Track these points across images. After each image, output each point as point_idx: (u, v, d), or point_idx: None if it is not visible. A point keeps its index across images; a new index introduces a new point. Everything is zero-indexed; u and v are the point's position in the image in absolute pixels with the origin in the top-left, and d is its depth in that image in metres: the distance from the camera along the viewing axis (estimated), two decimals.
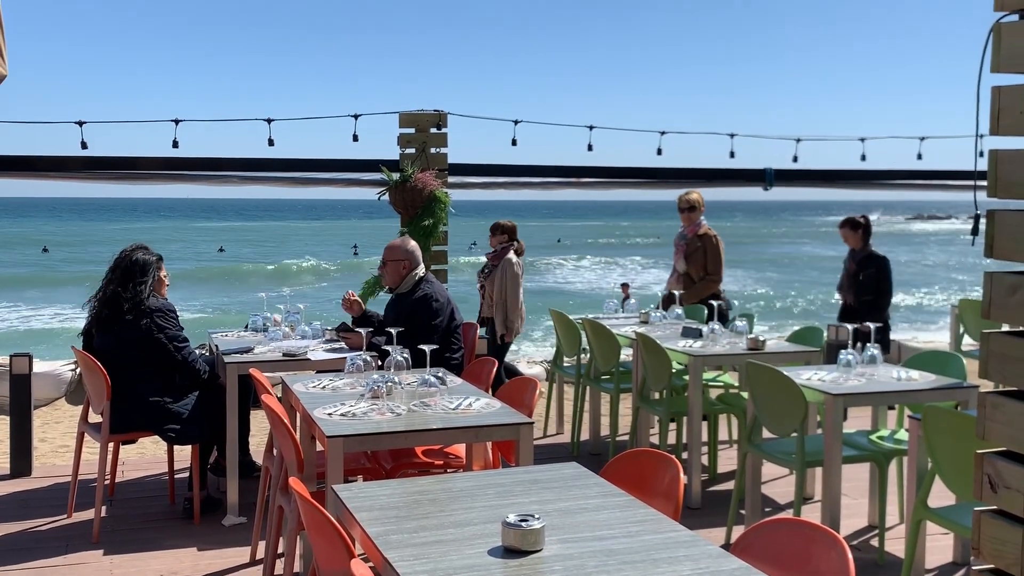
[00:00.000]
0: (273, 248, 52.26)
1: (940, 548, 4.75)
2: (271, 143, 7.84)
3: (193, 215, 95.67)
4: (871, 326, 5.05)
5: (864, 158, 9.35)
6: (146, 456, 6.66)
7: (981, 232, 2.20)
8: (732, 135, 9.04)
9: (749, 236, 64.43)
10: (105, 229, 63.22)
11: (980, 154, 6.40)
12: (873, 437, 5.13)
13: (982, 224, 2.20)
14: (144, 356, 5.06)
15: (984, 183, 2.15)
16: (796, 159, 9.19)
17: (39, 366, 7.92)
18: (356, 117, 7.76)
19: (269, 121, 7.74)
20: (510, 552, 2.33)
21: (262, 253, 48.58)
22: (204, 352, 6.81)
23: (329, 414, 3.74)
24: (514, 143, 8.47)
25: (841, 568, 2.31)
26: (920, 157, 9.32)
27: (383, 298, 6.98)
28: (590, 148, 8.56)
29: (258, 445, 6.57)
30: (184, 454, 5.66)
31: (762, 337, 5.76)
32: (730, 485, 5.93)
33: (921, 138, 9.34)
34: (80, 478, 5.46)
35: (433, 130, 7.74)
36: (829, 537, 2.41)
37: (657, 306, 7.50)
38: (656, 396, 6.06)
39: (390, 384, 3.98)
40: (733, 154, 9.11)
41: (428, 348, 4.08)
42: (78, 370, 8.43)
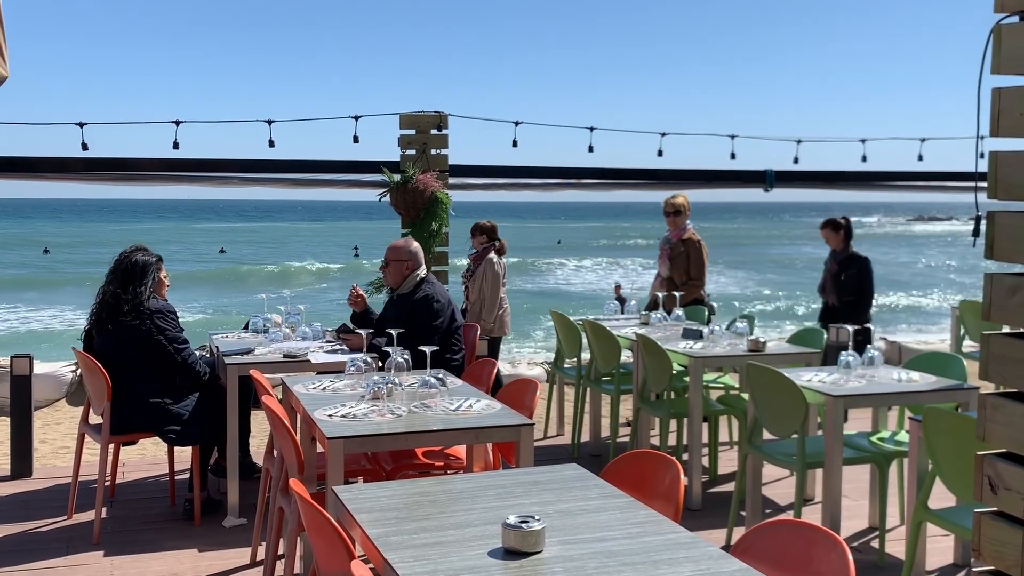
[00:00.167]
0: (274, 249, 52.28)
1: (941, 550, 4.75)
2: (271, 144, 7.83)
3: (193, 216, 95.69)
4: (871, 327, 5.05)
5: (865, 159, 9.34)
6: (146, 457, 6.66)
7: (982, 233, 2.20)
8: (733, 136, 9.04)
9: (750, 237, 64.43)
10: (105, 230, 63.24)
11: (981, 155, 6.39)
12: (873, 438, 5.13)
13: (983, 226, 2.20)
14: (144, 357, 5.06)
15: (985, 184, 2.16)
16: (797, 160, 9.19)
17: (40, 367, 7.92)
18: (357, 118, 7.75)
19: (270, 122, 7.74)
20: (510, 553, 2.33)
21: (262, 254, 48.59)
22: (204, 354, 6.81)
23: (329, 415, 3.75)
24: (515, 144, 8.48)
25: (841, 570, 2.31)
26: (921, 158, 9.31)
27: (380, 298, 6.97)
28: (591, 149, 8.56)
29: (258, 446, 6.58)
30: (184, 455, 5.66)
31: (762, 339, 5.77)
32: (731, 487, 5.94)
33: (922, 139, 9.33)
34: (80, 479, 5.46)
35: (434, 131, 7.73)
36: (829, 539, 2.42)
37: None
38: (656, 397, 6.07)
39: (390, 385, 3.98)
40: (734, 155, 9.10)
41: (428, 349, 4.08)
42: (79, 371, 8.43)
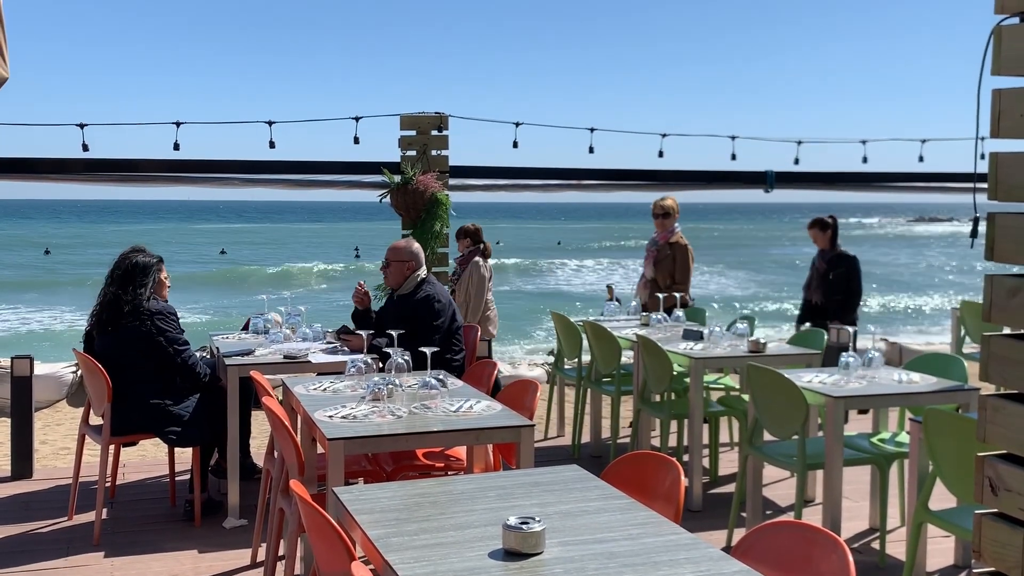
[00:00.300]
0: (274, 250, 52.28)
1: (941, 551, 4.75)
2: (272, 145, 7.83)
3: (194, 217, 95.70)
4: (872, 328, 5.05)
5: (865, 160, 9.33)
6: (147, 458, 6.66)
7: (980, 234, 2.20)
8: (733, 137, 9.04)
9: (750, 238, 64.44)
10: (106, 231, 63.24)
11: (981, 156, 6.39)
12: (874, 440, 5.12)
13: (981, 227, 2.20)
14: (145, 358, 5.06)
15: (984, 185, 2.15)
16: (797, 161, 9.19)
17: (40, 368, 7.92)
18: (357, 119, 7.75)
19: (270, 123, 7.74)
20: (511, 555, 2.33)
21: (263, 255, 48.59)
22: (205, 355, 6.81)
23: (330, 416, 3.74)
24: (515, 145, 8.48)
25: (842, 571, 2.31)
26: (922, 159, 9.32)
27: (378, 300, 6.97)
28: (591, 150, 8.56)
29: (259, 447, 6.57)
30: (185, 456, 5.66)
31: (763, 339, 5.76)
32: (731, 488, 5.93)
33: (923, 140, 9.33)
34: (81, 480, 5.46)
35: (434, 132, 7.74)
36: (830, 540, 2.41)
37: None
38: (657, 398, 6.06)
39: (391, 386, 3.98)
40: (735, 156, 9.10)
41: (429, 350, 4.08)
42: (79, 372, 8.43)
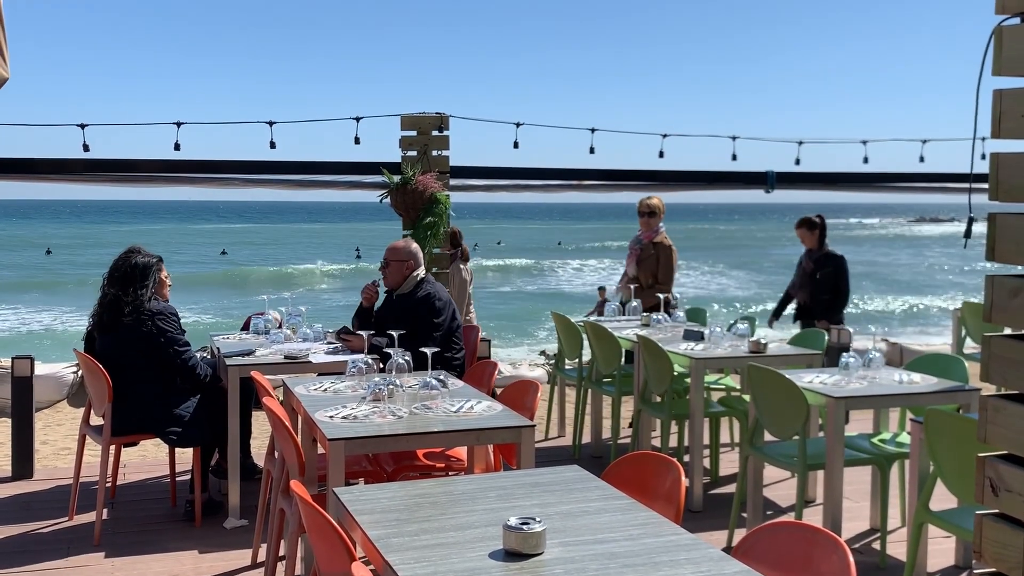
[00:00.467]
0: (275, 251, 52.29)
1: (942, 551, 4.75)
2: (272, 146, 7.82)
3: (194, 218, 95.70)
4: (872, 328, 5.05)
5: (866, 161, 9.33)
6: (147, 458, 6.66)
7: (974, 234, 2.20)
8: (734, 138, 9.03)
9: (751, 238, 64.44)
10: (106, 231, 63.24)
11: (981, 156, 6.39)
12: (875, 440, 5.12)
13: (976, 227, 2.20)
14: (145, 359, 5.07)
15: (979, 185, 2.15)
16: (798, 162, 9.18)
17: (41, 368, 7.92)
18: (358, 120, 7.75)
19: (271, 124, 7.74)
20: (511, 555, 2.33)
21: (264, 256, 48.59)
22: (205, 355, 6.81)
23: (330, 417, 3.74)
24: (516, 146, 8.47)
25: (842, 571, 2.31)
26: (922, 160, 9.31)
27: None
28: (592, 151, 8.55)
29: (259, 448, 6.57)
30: (185, 457, 5.66)
31: (764, 340, 5.76)
32: (732, 488, 5.93)
33: (923, 141, 9.32)
34: (82, 480, 5.47)
35: (435, 132, 7.73)
36: (831, 540, 2.41)
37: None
38: (658, 399, 6.06)
39: (391, 387, 3.98)
40: (735, 156, 9.09)
41: (429, 351, 4.08)
42: (80, 372, 8.43)
